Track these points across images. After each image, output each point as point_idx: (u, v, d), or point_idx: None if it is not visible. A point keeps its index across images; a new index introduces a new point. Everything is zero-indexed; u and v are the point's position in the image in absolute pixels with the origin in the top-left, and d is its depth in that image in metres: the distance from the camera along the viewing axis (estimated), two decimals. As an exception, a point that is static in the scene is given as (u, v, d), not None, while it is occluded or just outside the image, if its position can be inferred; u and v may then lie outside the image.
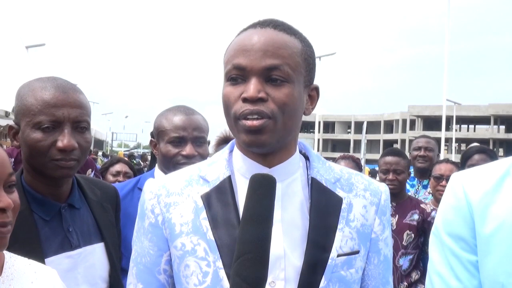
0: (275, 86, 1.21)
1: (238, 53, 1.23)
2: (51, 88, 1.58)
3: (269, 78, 1.21)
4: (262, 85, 1.21)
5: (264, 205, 1.04)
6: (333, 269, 1.24)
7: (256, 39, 1.23)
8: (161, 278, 1.32)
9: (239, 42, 1.25)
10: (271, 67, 1.21)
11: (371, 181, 1.39)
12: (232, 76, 1.23)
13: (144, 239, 1.33)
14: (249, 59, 1.21)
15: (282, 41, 1.24)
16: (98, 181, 1.95)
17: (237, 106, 1.22)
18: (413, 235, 3.43)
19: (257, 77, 1.21)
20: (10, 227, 1.25)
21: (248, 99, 1.19)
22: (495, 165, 1.34)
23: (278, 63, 1.21)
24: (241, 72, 1.22)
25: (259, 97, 1.19)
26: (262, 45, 1.22)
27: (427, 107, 71.56)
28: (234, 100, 1.22)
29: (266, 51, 1.21)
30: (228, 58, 1.25)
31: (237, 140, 1.29)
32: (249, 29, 1.27)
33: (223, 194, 1.28)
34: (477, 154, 3.64)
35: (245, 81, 1.22)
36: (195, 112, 2.32)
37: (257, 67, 1.21)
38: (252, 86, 1.20)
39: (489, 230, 1.24)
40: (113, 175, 4.12)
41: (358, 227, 1.30)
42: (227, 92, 1.24)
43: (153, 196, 1.33)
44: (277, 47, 1.22)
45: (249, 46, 1.22)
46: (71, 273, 1.58)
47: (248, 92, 1.19)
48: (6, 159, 1.28)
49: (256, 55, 1.21)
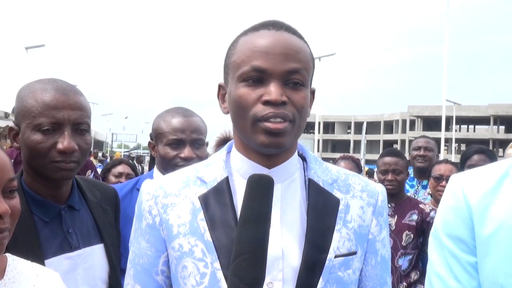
0: (294, 90, 1.23)
1: (256, 54, 1.22)
2: (51, 90, 1.58)
3: (288, 81, 1.22)
4: (283, 88, 1.21)
5: (262, 205, 1.04)
6: (331, 270, 1.24)
7: (274, 41, 1.23)
8: (158, 279, 1.32)
9: (254, 43, 1.24)
10: (293, 71, 1.22)
11: (368, 182, 1.40)
12: (250, 78, 1.22)
13: (142, 240, 1.33)
14: (270, 62, 1.21)
15: (299, 45, 1.25)
16: (97, 182, 1.96)
17: (258, 109, 1.21)
18: (412, 235, 3.43)
19: (278, 80, 1.21)
20: (7, 233, 1.24)
21: (272, 102, 1.19)
22: (494, 167, 1.35)
23: (298, 67, 1.23)
24: (261, 75, 1.22)
25: (282, 101, 1.20)
26: (283, 48, 1.22)
27: (427, 108, 71.56)
28: (253, 102, 1.21)
29: (287, 54, 1.22)
30: (243, 59, 1.24)
31: (250, 141, 1.26)
32: (262, 30, 1.26)
33: (221, 195, 1.28)
34: (477, 155, 3.64)
35: (263, 84, 1.22)
36: (193, 114, 2.31)
37: (278, 70, 1.21)
38: (275, 90, 1.20)
39: (488, 231, 1.24)
40: (115, 176, 4.11)
41: (355, 228, 1.30)
42: (244, 94, 1.22)
43: (150, 197, 1.33)
44: (297, 51, 1.24)
45: (268, 48, 1.22)
46: (71, 274, 1.58)
47: (271, 95, 1.19)
48: (6, 163, 1.26)
49: (278, 58, 1.21)
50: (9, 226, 1.25)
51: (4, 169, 1.25)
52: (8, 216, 1.24)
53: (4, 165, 1.25)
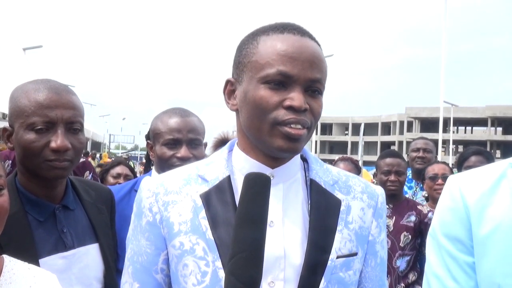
0: (313, 98, 1.25)
1: (283, 58, 1.22)
2: (44, 90, 1.59)
3: (309, 89, 1.23)
4: (304, 95, 1.22)
5: (258, 204, 1.04)
6: (333, 271, 1.24)
7: (301, 48, 1.23)
8: (158, 277, 1.31)
9: (281, 46, 1.23)
10: (316, 80, 1.23)
11: (367, 184, 1.40)
12: (273, 81, 1.22)
13: (141, 237, 1.32)
14: (297, 68, 1.21)
15: (321, 54, 1.28)
16: (92, 182, 1.96)
17: (280, 113, 1.21)
18: (410, 236, 3.44)
19: (302, 87, 1.22)
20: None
21: (296, 108, 1.20)
22: (492, 168, 1.35)
23: (320, 76, 1.25)
24: (285, 79, 1.22)
25: (305, 108, 1.21)
26: (310, 56, 1.23)
27: (424, 109, 71.66)
28: (274, 105, 1.21)
29: (312, 62, 1.23)
30: (269, 61, 1.22)
31: (263, 143, 1.25)
32: (287, 34, 1.25)
33: (223, 193, 1.28)
34: (474, 156, 3.65)
35: (286, 88, 1.22)
36: (190, 114, 2.31)
37: (304, 77, 1.22)
38: (299, 96, 1.21)
39: (485, 232, 1.25)
40: (113, 177, 4.11)
41: (356, 229, 1.31)
42: (265, 96, 1.22)
43: (151, 194, 1.32)
44: (321, 60, 1.26)
45: (295, 54, 1.22)
46: (65, 273, 1.58)
47: (296, 101, 1.20)
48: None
49: (304, 65, 1.22)
50: None
51: None
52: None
53: None
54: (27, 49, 26.29)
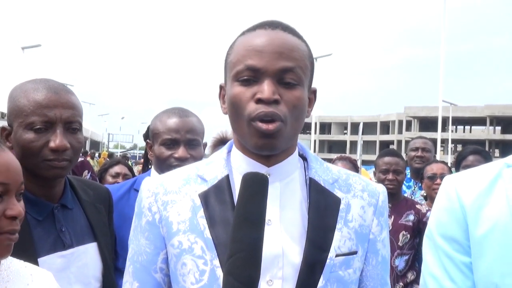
0: (288, 89, 1.22)
1: (250, 53, 1.22)
2: (43, 89, 1.59)
3: (282, 80, 1.22)
4: (276, 86, 1.21)
5: (256, 203, 1.04)
6: (332, 269, 1.24)
7: (269, 40, 1.23)
8: (157, 276, 1.32)
9: (249, 42, 1.24)
10: (286, 69, 1.21)
11: (368, 182, 1.39)
12: (244, 77, 1.22)
13: (141, 237, 1.33)
14: (263, 60, 1.21)
15: (294, 43, 1.25)
16: (90, 182, 1.97)
17: (251, 108, 1.21)
18: (408, 235, 3.44)
19: (271, 78, 1.21)
20: (17, 235, 1.27)
21: (264, 100, 1.19)
22: (488, 168, 1.36)
23: (292, 65, 1.22)
24: (254, 73, 1.22)
25: (274, 99, 1.19)
26: (277, 47, 1.22)
27: (423, 108, 71.65)
28: (247, 101, 1.22)
29: (281, 53, 1.21)
30: (238, 58, 1.24)
31: (245, 142, 1.27)
32: (258, 30, 1.26)
33: (221, 192, 1.28)
34: (472, 155, 3.65)
35: (257, 82, 1.22)
36: (189, 114, 2.31)
37: (272, 68, 1.21)
38: (268, 87, 1.19)
39: (482, 232, 1.25)
40: (112, 176, 4.09)
41: (356, 227, 1.30)
42: (238, 93, 1.23)
43: (150, 194, 1.33)
44: (291, 50, 1.23)
45: (262, 47, 1.22)
46: (64, 272, 1.58)
47: (264, 93, 1.19)
48: (19, 167, 1.30)
49: (271, 57, 1.21)
50: (19, 228, 1.29)
51: (18, 172, 1.29)
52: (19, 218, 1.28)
53: (18, 169, 1.29)
54: (25, 48, 26.30)
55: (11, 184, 1.26)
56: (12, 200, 1.26)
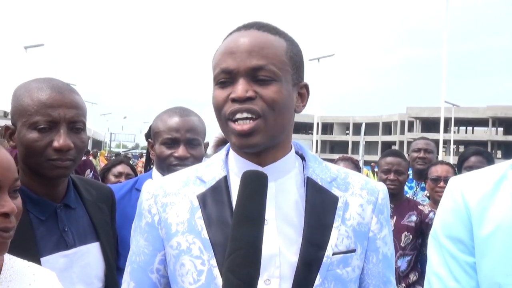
0: (263, 85, 1.23)
1: (224, 56, 1.25)
2: (47, 89, 1.59)
3: (256, 78, 1.23)
4: (250, 84, 1.22)
5: (256, 201, 1.04)
6: (329, 267, 1.24)
7: (241, 41, 1.25)
8: (153, 277, 1.33)
9: (224, 46, 1.27)
10: (257, 67, 1.22)
11: (368, 181, 1.39)
12: (221, 80, 1.25)
13: (140, 238, 1.35)
14: (235, 61, 1.23)
15: (266, 40, 1.25)
16: (93, 181, 1.97)
17: (226, 107, 1.23)
18: (411, 236, 3.44)
19: (244, 77, 1.22)
20: (12, 232, 1.26)
21: (236, 99, 1.21)
22: (493, 169, 1.36)
23: (263, 63, 1.22)
24: (229, 75, 1.24)
25: (247, 96, 1.21)
26: (247, 46, 1.23)
27: (425, 109, 71.64)
28: (223, 101, 1.24)
29: (251, 51, 1.23)
30: (216, 63, 1.27)
31: (230, 142, 1.30)
32: (234, 33, 1.29)
33: (219, 193, 1.29)
34: (474, 156, 3.64)
35: (233, 83, 1.23)
36: (190, 113, 2.32)
37: (243, 67, 1.22)
38: (240, 86, 1.21)
39: (486, 232, 1.26)
40: (115, 176, 4.07)
41: (354, 225, 1.30)
42: (216, 95, 1.26)
43: (150, 196, 1.34)
44: (261, 47, 1.24)
45: (234, 49, 1.24)
46: (67, 272, 1.58)
47: (236, 92, 1.21)
48: (12, 163, 1.28)
49: (242, 57, 1.22)
50: (15, 226, 1.27)
51: (10, 169, 1.27)
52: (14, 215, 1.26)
53: (10, 165, 1.27)
54: (28, 48, 26.33)
55: (3, 181, 1.24)
56: (3, 197, 1.24)
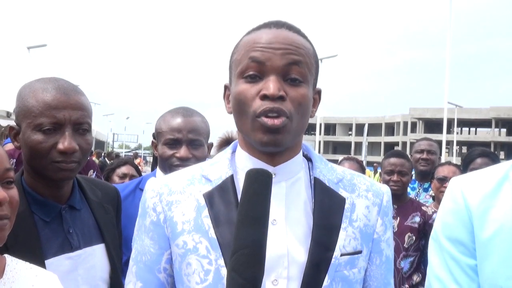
0: (293, 86, 1.22)
1: (255, 49, 1.22)
2: (52, 90, 1.57)
3: (287, 77, 1.22)
4: (281, 83, 1.21)
5: (260, 200, 1.03)
6: (337, 268, 1.24)
7: (274, 38, 1.23)
8: (161, 276, 1.32)
9: (254, 39, 1.24)
10: (292, 63, 1.21)
11: (373, 182, 1.40)
12: (250, 74, 1.22)
13: (145, 237, 1.33)
14: (268, 55, 1.21)
15: (299, 41, 1.25)
16: (98, 181, 1.94)
17: (257, 104, 1.20)
18: (414, 237, 3.43)
19: (276, 74, 1.21)
20: (6, 221, 1.24)
21: (269, 96, 1.19)
22: (494, 170, 1.36)
23: (298, 60, 1.22)
24: (259, 69, 1.22)
25: (279, 95, 1.19)
26: (282, 44, 1.22)
27: (428, 110, 71.49)
28: (252, 97, 1.21)
29: (286, 49, 1.22)
30: (243, 54, 1.24)
31: (250, 139, 1.26)
32: (263, 29, 1.27)
33: (226, 192, 1.28)
34: (480, 158, 3.61)
35: (262, 79, 1.22)
36: (194, 114, 2.31)
37: (277, 64, 1.21)
38: (273, 84, 1.19)
39: (488, 234, 1.25)
40: (119, 177, 4.02)
41: (361, 227, 1.30)
42: (243, 90, 1.23)
43: (155, 194, 1.33)
44: (296, 47, 1.23)
45: (267, 44, 1.22)
46: (72, 274, 1.57)
47: (269, 89, 1.19)
48: (3, 154, 1.26)
49: (276, 52, 1.21)
50: (9, 215, 1.25)
51: (1, 160, 1.25)
52: (7, 205, 1.24)
53: (1, 156, 1.25)
54: (31, 48, 26.35)
55: None
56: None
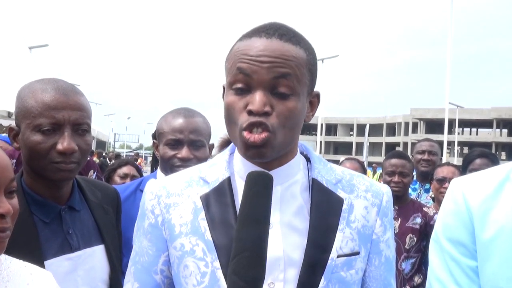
0: (280, 99, 1.20)
1: (242, 62, 1.21)
2: (51, 90, 1.57)
3: (274, 90, 1.20)
4: (268, 97, 1.19)
5: (261, 202, 1.03)
6: (333, 270, 1.24)
7: (263, 50, 1.20)
8: (157, 278, 1.33)
9: (244, 50, 1.23)
10: (277, 80, 1.19)
11: (373, 183, 1.39)
12: (238, 86, 1.22)
13: (144, 239, 1.34)
14: (255, 69, 1.19)
15: (288, 53, 1.21)
16: (98, 182, 1.94)
17: (243, 119, 1.20)
18: (415, 238, 3.43)
19: (263, 88, 1.19)
20: (8, 232, 1.25)
21: (254, 112, 1.18)
22: (495, 171, 1.35)
23: (285, 74, 1.19)
24: (247, 82, 1.21)
25: (264, 111, 1.18)
26: (269, 57, 1.19)
27: (429, 110, 71.53)
28: (239, 111, 1.21)
29: (273, 62, 1.19)
30: (233, 66, 1.23)
31: (238, 149, 1.28)
32: (254, 37, 1.24)
33: (222, 195, 1.28)
34: (479, 159, 3.60)
35: (250, 92, 1.21)
36: (195, 115, 2.31)
37: (263, 78, 1.19)
38: (259, 99, 1.18)
39: (488, 236, 1.24)
40: (120, 177, 4.03)
41: (359, 228, 1.30)
42: (231, 102, 1.22)
43: (153, 196, 1.34)
44: (284, 59, 1.20)
45: (255, 57, 1.20)
46: (71, 275, 1.57)
47: (254, 104, 1.18)
48: (8, 164, 1.27)
49: (263, 66, 1.19)
50: (12, 227, 1.26)
51: (6, 170, 1.25)
52: (10, 217, 1.25)
53: (6, 166, 1.26)
54: (33, 48, 26.40)
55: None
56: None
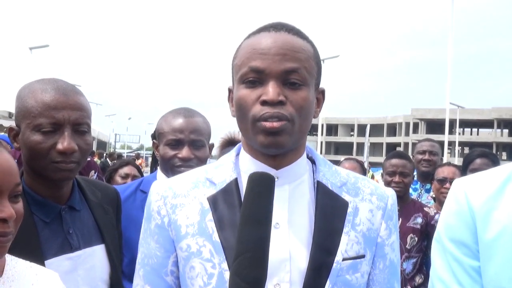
0: (293, 90, 1.22)
1: (254, 56, 1.23)
2: (51, 90, 1.57)
3: (287, 81, 1.22)
4: (281, 88, 1.21)
5: (262, 203, 1.03)
6: (338, 273, 1.24)
7: (273, 42, 1.23)
8: (168, 279, 1.32)
9: (253, 45, 1.25)
10: (290, 70, 1.21)
11: (377, 186, 1.39)
12: (249, 79, 1.23)
13: (151, 240, 1.34)
14: (267, 62, 1.21)
15: (298, 45, 1.25)
16: (98, 182, 1.95)
17: (256, 109, 1.21)
18: (416, 238, 3.43)
19: (276, 80, 1.21)
20: (11, 236, 1.25)
21: (269, 102, 1.19)
22: (497, 171, 1.35)
23: (296, 66, 1.22)
24: (259, 75, 1.22)
25: (279, 100, 1.20)
26: (280, 49, 1.22)
27: (430, 110, 71.51)
28: (252, 103, 1.22)
29: (284, 54, 1.22)
30: (243, 61, 1.25)
31: (252, 142, 1.27)
32: (262, 33, 1.27)
33: (230, 196, 1.28)
34: (479, 159, 3.61)
35: (262, 84, 1.22)
36: (195, 114, 2.31)
37: (276, 70, 1.21)
38: (272, 89, 1.20)
39: (491, 236, 1.24)
40: (121, 177, 4.04)
41: (364, 231, 1.30)
42: (244, 95, 1.24)
43: (159, 197, 1.34)
44: (295, 51, 1.23)
45: (266, 49, 1.22)
46: (71, 275, 1.57)
47: (268, 95, 1.20)
48: (12, 168, 1.27)
49: (275, 58, 1.21)
50: (14, 231, 1.26)
51: (12, 174, 1.26)
52: (12, 220, 1.25)
53: (12, 170, 1.26)
54: (33, 49, 26.41)
55: (3, 186, 1.23)
56: (3, 202, 1.23)
